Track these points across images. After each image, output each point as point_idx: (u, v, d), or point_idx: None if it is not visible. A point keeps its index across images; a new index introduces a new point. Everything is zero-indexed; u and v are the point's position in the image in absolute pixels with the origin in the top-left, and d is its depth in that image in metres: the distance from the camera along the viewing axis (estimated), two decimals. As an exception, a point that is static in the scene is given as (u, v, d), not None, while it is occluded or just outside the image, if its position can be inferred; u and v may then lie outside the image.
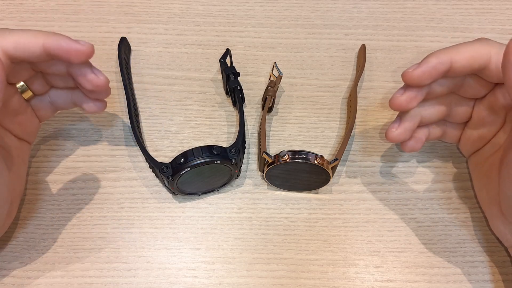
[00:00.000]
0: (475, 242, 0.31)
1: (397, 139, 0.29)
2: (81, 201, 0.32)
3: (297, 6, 0.42)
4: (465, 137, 0.31)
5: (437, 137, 0.32)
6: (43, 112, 0.30)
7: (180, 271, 0.30)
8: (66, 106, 0.30)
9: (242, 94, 0.36)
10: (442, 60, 0.25)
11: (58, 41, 0.24)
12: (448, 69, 0.25)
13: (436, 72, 0.25)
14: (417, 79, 0.26)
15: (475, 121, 0.30)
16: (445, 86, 0.28)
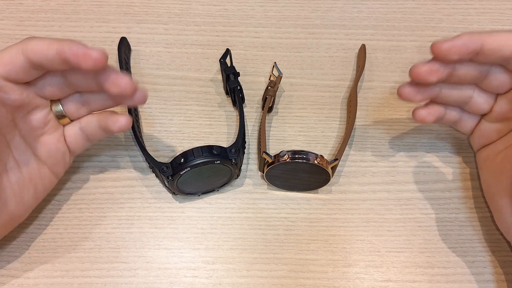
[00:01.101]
0: (475, 242, 0.31)
1: (406, 95, 0.28)
2: (81, 201, 0.32)
3: (297, 6, 0.42)
4: (480, 129, 0.31)
5: (452, 121, 0.31)
6: (74, 141, 0.30)
7: (180, 271, 0.30)
8: (94, 131, 0.29)
9: (242, 94, 0.36)
10: (474, 39, 0.25)
11: (70, 45, 0.24)
12: (479, 50, 0.25)
13: (465, 49, 0.25)
14: (445, 52, 0.25)
15: (495, 115, 0.29)
16: (470, 72, 0.27)
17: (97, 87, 0.27)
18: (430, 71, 0.26)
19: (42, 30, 0.39)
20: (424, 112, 0.30)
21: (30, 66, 0.25)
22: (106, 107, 0.29)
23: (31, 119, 0.27)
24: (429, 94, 0.28)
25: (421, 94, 0.28)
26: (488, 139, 0.31)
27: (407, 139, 0.35)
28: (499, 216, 0.29)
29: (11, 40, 0.39)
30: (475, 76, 0.28)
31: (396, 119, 0.36)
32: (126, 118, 0.28)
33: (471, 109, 0.30)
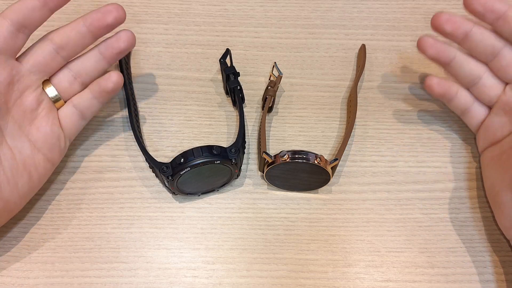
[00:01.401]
0: (475, 242, 0.31)
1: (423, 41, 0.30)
2: (81, 201, 0.32)
3: (297, 6, 0.42)
4: (487, 124, 0.31)
5: (462, 106, 0.32)
6: (69, 120, 0.30)
7: (180, 271, 0.30)
8: (88, 103, 0.30)
9: (242, 94, 0.36)
10: (502, 2, 0.27)
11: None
12: (502, 13, 0.27)
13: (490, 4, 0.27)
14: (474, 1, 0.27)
15: (501, 105, 0.30)
16: (484, 41, 0.29)
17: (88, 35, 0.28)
18: (448, 20, 0.29)
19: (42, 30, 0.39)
20: (435, 80, 0.31)
21: (15, 28, 0.26)
22: (97, 71, 0.30)
23: (24, 101, 0.28)
24: (444, 50, 0.30)
25: (437, 47, 0.30)
26: (492, 136, 0.31)
27: (407, 139, 0.35)
28: (501, 213, 0.29)
29: (11, 40, 0.39)
30: (487, 49, 0.29)
31: (396, 119, 0.36)
32: (116, 73, 0.30)
33: (478, 93, 0.31)
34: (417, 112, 0.36)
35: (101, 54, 0.30)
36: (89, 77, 0.30)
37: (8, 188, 0.27)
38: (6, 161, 0.27)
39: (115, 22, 0.28)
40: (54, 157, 0.30)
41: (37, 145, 0.28)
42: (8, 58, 0.26)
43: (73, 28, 0.28)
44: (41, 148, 0.29)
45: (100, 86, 0.30)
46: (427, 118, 0.36)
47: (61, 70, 0.29)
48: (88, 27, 0.28)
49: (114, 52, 0.30)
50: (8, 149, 0.27)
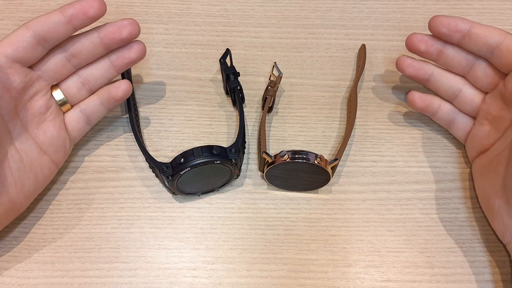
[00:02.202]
0: (475, 242, 0.31)
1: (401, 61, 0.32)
2: (81, 201, 0.32)
3: (297, 6, 0.42)
4: (473, 134, 0.32)
5: (446, 119, 0.33)
6: (75, 125, 0.31)
7: (180, 271, 0.30)
8: (95, 109, 0.31)
9: (242, 94, 0.36)
10: (465, 21, 0.29)
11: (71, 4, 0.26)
12: (466, 31, 0.29)
13: (454, 25, 0.29)
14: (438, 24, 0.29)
15: (483, 114, 0.31)
16: (458, 56, 0.30)
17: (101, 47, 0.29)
18: (421, 39, 0.31)
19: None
20: (416, 95, 0.33)
21: (36, 41, 0.26)
22: (106, 79, 0.31)
23: (33, 105, 0.28)
24: (421, 68, 0.32)
25: (414, 66, 0.32)
26: (480, 145, 0.31)
27: (407, 139, 0.35)
28: (495, 218, 0.29)
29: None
30: (461, 62, 0.30)
31: (396, 119, 0.36)
32: (126, 82, 0.31)
33: (461, 105, 0.32)
34: (417, 112, 0.36)
35: (111, 62, 0.30)
36: (98, 84, 0.31)
37: (15, 189, 0.27)
38: (14, 163, 0.27)
39: (130, 37, 0.29)
40: (58, 159, 0.30)
41: (43, 147, 0.29)
42: (23, 66, 0.27)
43: (86, 38, 0.28)
44: (47, 150, 0.29)
45: (110, 94, 0.31)
46: (427, 118, 0.36)
47: (70, 76, 0.30)
48: (101, 39, 0.28)
49: (124, 62, 0.30)
50: (16, 152, 0.28)
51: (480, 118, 0.31)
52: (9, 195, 0.27)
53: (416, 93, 0.33)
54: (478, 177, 0.32)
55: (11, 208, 0.28)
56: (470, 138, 0.32)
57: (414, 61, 0.32)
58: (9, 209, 0.28)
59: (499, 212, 0.29)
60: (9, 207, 0.28)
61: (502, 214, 0.28)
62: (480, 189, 0.31)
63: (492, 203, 0.29)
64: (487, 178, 0.30)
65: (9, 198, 0.27)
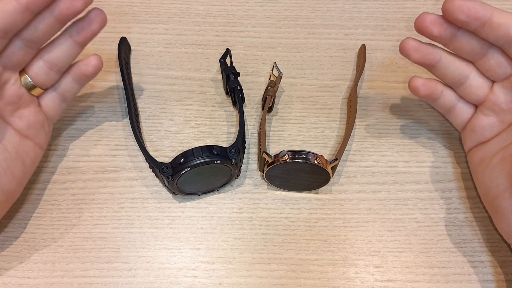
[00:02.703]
0: (475, 242, 0.31)
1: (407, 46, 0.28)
2: (81, 201, 0.32)
3: (297, 6, 0.42)
4: (473, 122, 0.30)
5: (447, 106, 0.31)
6: (51, 105, 0.30)
7: (180, 271, 0.30)
8: (69, 86, 0.30)
9: (242, 94, 0.36)
10: (485, 7, 0.25)
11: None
12: (487, 19, 0.25)
13: (475, 12, 0.25)
14: (455, 8, 0.25)
15: (489, 105, 0.29)
16: (471, 42, 0.27)
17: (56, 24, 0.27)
18: (435, 21, 0.27)
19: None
20: (420, 81, 0.30)
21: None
22: (72, 57, 0.29)
23: (4, 95, 0.27)
24: (430, 53, 0.28)
25: (421, 50, 0.28)
26: (480, 135, 0.30)
27: (407, 139, 0.35)
28: (501, 219, 0.28)
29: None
30: (474, 49, 0.28)
31: (396, 119, 0.36)
32: (96, 57, 0.30)
33: (465, 93, 0.30)
34: (417, 112, 0.36)
35: (74, 40, 0.28)
36: (65, 64, 0.29)
37: (6, 179, 0.28)
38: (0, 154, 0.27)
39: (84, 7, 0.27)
40: (41, 141, 0.30)
41: (23, 132, 0.29)
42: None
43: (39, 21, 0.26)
44: (28, 134, 0.29)
45: (80, 71, 0.30)
46: (427, 118, 0.36)
47: (36, 63, 0.29)
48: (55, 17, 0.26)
49: (87, 36, 0.28)
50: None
51: (485, 109, 0.30)
52: (2, 186, 0.27)
53: (419, 79, 0.30)
54: (479, 172, 0.30)
55: (6, 198, 0.28)
56: (470, 127, 0.31)
57: (421, 45, 0.28)
58: (4, 200, 0.28)
59: (506, 214, 0.28)
60: (4, 198, 0.28)
61: (510, 216, 0.27)
62: (482, 186, 0.30)
63: (497, 204, 0.28)
64: (490, 176, 0.29)
65: (2, 190, 0.28)
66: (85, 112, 0.36)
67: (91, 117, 0.36)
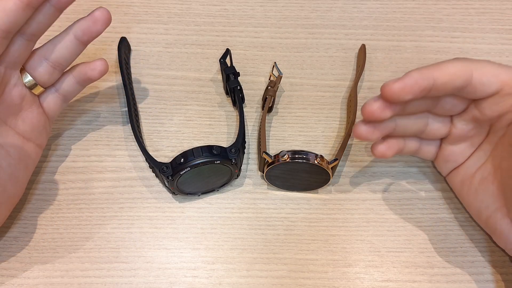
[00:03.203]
0: (475, 242, 0.31)
1: (363, 135, 0.27)
2: (81, 201, 0.32)
3: (297, 6, 0.42)
4: (444, 154, 0.30)
5: (413, 151, 0.31)
6: (53, 107, 0.30)
7: (180, 271, 0.30)
8: (72, 88, 0.30)
9: (242, 94, 0.36)
10: (425, 76, 0.24)
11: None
12: (431, 86, 0.24)
13: (417, 87, 0.24)
14: (397, 93, 0.24)
15: (455, 137, 0.29)
16: (423, 103, 0.27)
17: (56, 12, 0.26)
18: (384, 107, 0.25)
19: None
20: (383, 147, 0.29)
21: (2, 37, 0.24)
22: (76, 55, 0.29)
23: (6, 97, 0.27)
24: (385, 130, 0.28)
25: (378, 132, 0.27)
26: (454, 162, 0.30)
27: (407, 139, 0.35)
28: (500, 238, 0.28)
29: (11, 40, 0.39)
30: (427, 105, 0.27)
31: (396, 119, 0.36)
32: (102, 61, 0.30)
33: (429, 136, 0.30)
34: (417, 112, 0.36)
35: (77, 39, 0.28)
36: (68, 62, 0.29)
37: (10, 184, 0.28)
38: (3, 160, 0.27)
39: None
40: (42, 141, 0.31)
41: (26, 135, 0.29)
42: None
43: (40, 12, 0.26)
44: (30, 137, 0.29)
45: (86, 75, 0.30)
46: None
47: (38, 62, 0.28)
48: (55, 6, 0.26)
49: (91, 36, 0.28)
50: (1, 148, 0.27)
51: (452, 140, 0.29)
52: (7, 191, 0.28)
53: (381, 145, 0.29)
54: (464, 195, 0.30)
55: (11, 201, 0.29)
56: (442, 158, 0.31)
57: (374, 126, 0.27)
58: (10, 203, 0.28)
59: (505, 233, 0.28)
60: (9, 201, 0.28)
61: (509, 235, 0.27)
62: (472, 208, 0.30)
63: (492, 224, 0.28)
64: (476, 198, 0.29)
65: (8, 194, 0.28)
66: (85, 112, 0.36)
67: (91, 117, 0.36)
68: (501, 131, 0.27)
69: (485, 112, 0.26)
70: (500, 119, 0.26)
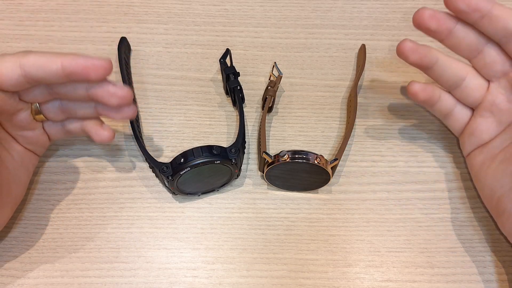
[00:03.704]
0: (475, 242, 0.31)
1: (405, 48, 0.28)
2: (81, 201, 0.32)
3: (297, 6, 0.42)
4: (472, 126, 0.30)
5: (445, 111, 0.31)
6: (54, 134, 0.31)
7: (180, 271, 0.30)
8: (77, 132, 0.31)
9: (242, 94, 0.36)
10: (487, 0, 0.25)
11: (76, 59, 0.24)
12: (487, 11, 0.25)
13: (475, 3, 0.25)
14: None
15: (486, 106, 0.29)
16: (468, 38, 0.27)
17: (86, 98, 0.27)
18: (433, 16, 0.27)
19: (42, 30, 0.39)
20: (418, 86, 0.30)
21: (25, 80, 0.25)
22: (86, 116, 0.29)
23: (14, 119, 0.28)
24: (427, 55, 0.28)
25: (419, 52, 0.28)
26: (479, 138, 0.30)
27: (407, 139, 0.35)
28: (507, 220, 0.28)
29: (11, 40, 0.39)
30: (471, 44, 0.28)
31: (396, 119, 0.36)
32: (110, 133, 0.29)
33: (462, 95, 0.30)
34: (417, 112, 0.36)
35: (96, 109, 0.29)
36: (76, 117, 0.29)
37: (14, 185, 0.29)
38: (10, 163, 0.28)
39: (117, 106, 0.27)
40: (41, 152, 0.32)
41: (27, 146, 0.30)
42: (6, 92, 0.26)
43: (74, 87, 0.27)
44: (30, 148, 0.30)
45: (90, 134, 0.30)
46: (428, 118, 0.36)
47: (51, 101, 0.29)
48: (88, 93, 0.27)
49: (108, 115, 0.29)
50: (7, 153, 0.29)
51: (482, 110, 0.29)
52: (12, 193, 0.29)
53: (418, 84, 0.30)
54: (481, 175, 0.30)
55: (15, 202, 0.29)
56: (468, 131, 0.31)
57: (419, 46, 0.28)
58: (13, 204, 0.29)
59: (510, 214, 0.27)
60: (13, 202, 0.29)
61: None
62: (486, 188, 0.30)
63: (502, 204, 0.28)
64: (494, 177, 0.29)
65: (12, 196, 0.29)
66: (85, 112, 0.36)
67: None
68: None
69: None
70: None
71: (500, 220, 0.29)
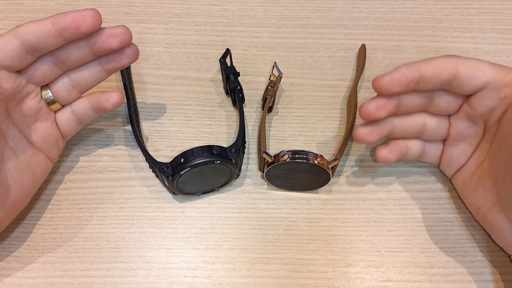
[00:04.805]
0: (475, 242, 0.31)
1: (361, 136, 0.29)
2: (81, 201, 0.32)
3: (297, 6, 0.42)
4: (447, 155, 0.31)
5: (417, 154, 0.31)
6: (66, 126, 0.31)
7: (180, 271, 0.30)
8: (87, 114, 0.31)
9: (242, 94, 0.36)
10: (412, 69, 0.26)
11: (63, 15, 0.25)
12: (418, 78, 0.26)
13: (405, 79, 0.26)
14: (386, 85, 0.26)
15: (454, 137, 0.30)
16: (416, 100, 0.28)
17: (90, 54, 0.27)
18: (378, 106, 0.27)
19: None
20: (385, 151, 0.30)
21: (24, 49, 0.25)
22: (97, 81, 0.30)
23: (24, 107, 0.28)
24: (384, 131, 0.29)
25: (376, 133, 0.29)
26: (457, 164, 0.31)
27: (407, 139, 0.35)
28: (497, 234, 0.29)
29: (11, 40, 0.39)
30: (421, 103, 0.28)
31: (396, 119, 0.36)
32: (118, 94, 0.30)
33: (429, 137, 0.31)
34: (417, 112, 0.36)
35: (102, 66, 0.29)
36: (88, 86, 0.30)
37: (15, 189, 0.28)
38: (11, 163, 0.28)
39: (120, 46, 0.27)
40: (53, 155, 0.31)
41: (37, 145, 0.29)
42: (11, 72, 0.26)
43: (74, 46, 0.27)
44: (41, 147, 0.29)
45: (100, 103, 0.30)
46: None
47: (59, 78, 0.29)
48: (90, 47, 0.27)
49: (116, 66, 0.29)
50: (12, 152, 0.28)
51: (451, 141, 0.30)
52: (11, 196, 0.27)
53: (383, 149, 0.30)
54: (465, 194, 0.31)
55: (13, 208, 0.28)
56: (445, 160, 0.31)
57: (372, 127, 0.29)
58: (11, 210, 0.28)
59: (500, 229, 0.28)
60: (11, 208, 0.28)
61: (504, 230, 0.28)
62: (472, 205, 0.31)
63: (489, 220, 0.29)
64: (476, 195, 0.30)
65: (11, 199, 0.27)
66: (85, 112, 0.36)
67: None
68: (494, 128, 0.28)
69: (476, 108, 0.27)
70: (491, 115, 0.27)
71: (492, 234, 0.30)
